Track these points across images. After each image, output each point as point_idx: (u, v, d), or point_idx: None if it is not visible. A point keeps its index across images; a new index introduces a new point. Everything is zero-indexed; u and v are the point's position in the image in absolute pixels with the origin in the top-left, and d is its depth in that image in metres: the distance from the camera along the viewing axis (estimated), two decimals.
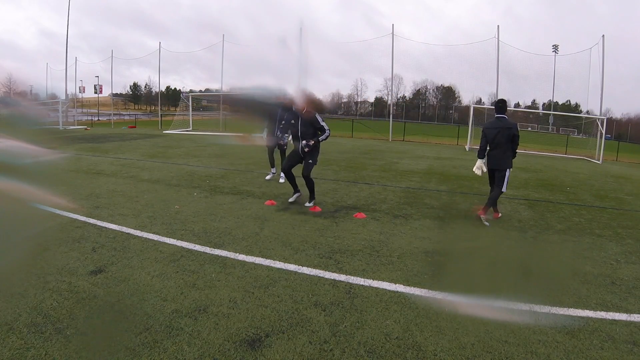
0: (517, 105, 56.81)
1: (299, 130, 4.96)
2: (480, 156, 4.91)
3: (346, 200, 5.58)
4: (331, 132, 5.09)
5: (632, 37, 71.42)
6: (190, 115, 24.37)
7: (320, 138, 4.96)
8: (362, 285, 2.84)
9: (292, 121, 5.07)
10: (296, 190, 5.39)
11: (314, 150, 4.99)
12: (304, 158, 5.00)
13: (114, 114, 37.83)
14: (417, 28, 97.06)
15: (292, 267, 3.12)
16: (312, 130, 4.94)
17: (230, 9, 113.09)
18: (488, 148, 4.83)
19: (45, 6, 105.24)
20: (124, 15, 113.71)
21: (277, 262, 3.20)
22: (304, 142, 4.92)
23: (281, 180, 6.83)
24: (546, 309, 2.56)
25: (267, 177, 7.12)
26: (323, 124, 4.94)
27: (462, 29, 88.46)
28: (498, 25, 22.67)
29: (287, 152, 6.32)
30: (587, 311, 2.57)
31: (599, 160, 16.57)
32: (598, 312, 2.57)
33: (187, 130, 22.21)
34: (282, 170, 5.38)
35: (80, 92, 39.58)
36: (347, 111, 73.65)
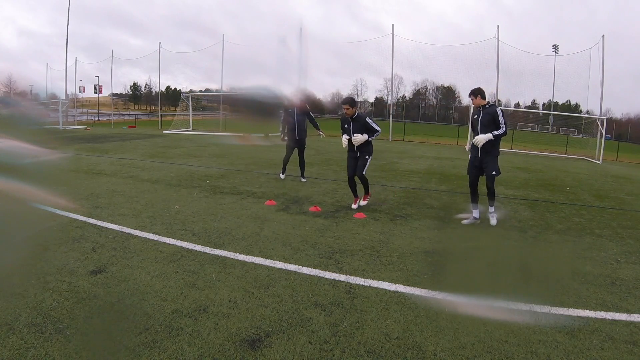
0: (517, 105, 56.78)
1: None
2: None
3: (346, 200, 5.58)
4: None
5: (632, 35, 71.39)
6: (190, 115, 24.38)
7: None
8: (362, 285, 2.84)
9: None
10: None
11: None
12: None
13: (114, 114, 37.82)
14: (402, 22, 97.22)
15: (292, 267, 3.12)
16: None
17: (208, 7, 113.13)
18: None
19: (19, 5, 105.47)
20: (101, 13, 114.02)
21: (277, 262, 3.20)
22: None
23: (303, 180, 7.02)
24: (546, 309, 2.56)
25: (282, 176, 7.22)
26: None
27: (449, 23, 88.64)
28: (498, 25, 22.72)
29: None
30: (587, 311, 2.57)
31: (599, 160, 16.57)
32: (598, 312, 2.57)
33: (187, 130, 22.21)
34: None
35: (80, 92, 39.61)
36: None
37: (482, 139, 4.34)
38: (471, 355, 2.04)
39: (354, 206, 5.16)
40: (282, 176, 7.11)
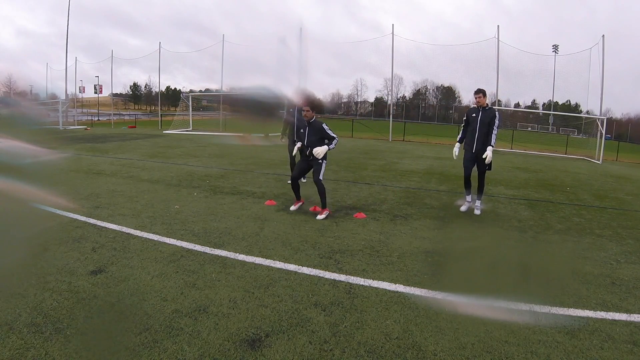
0: (517, 105, 56.81)
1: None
2: None
3: (346, 200, 5.58)
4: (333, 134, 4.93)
5: (632, 35, 71.36)
6: (190, 115, 24.37)
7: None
8: (362, 285, 2.84)
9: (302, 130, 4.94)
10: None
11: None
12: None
13: (114, 114, 37.81)
14: (401, 22, 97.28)
15: (292, 267, 3.12)
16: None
17: (206, 7, 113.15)
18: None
19: (17, 5, 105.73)
20: (99, 13, 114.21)
21: (277, 262, 3.20)
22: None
23: (303, 180, 6.63)
24: (546, 309, 2.56)
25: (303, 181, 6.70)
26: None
27: (448, 22, 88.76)
28: (498, 25, 22.68)
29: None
30: (587, 311, 2.57)
31: (599, 160, 16.56)
32: (598, 312, 2.57)
33: (187, 130, 22.21)
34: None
35: (80, 92, 39.61)
36: (347, 111, 73.60)
37: (490, 155, 4.90)
38: (471, 355, 2.04)
39: (292, 208, 4.95)
40: (290, 182, 6.84)
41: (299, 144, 4.99)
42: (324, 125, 4.78)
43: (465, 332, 2.24)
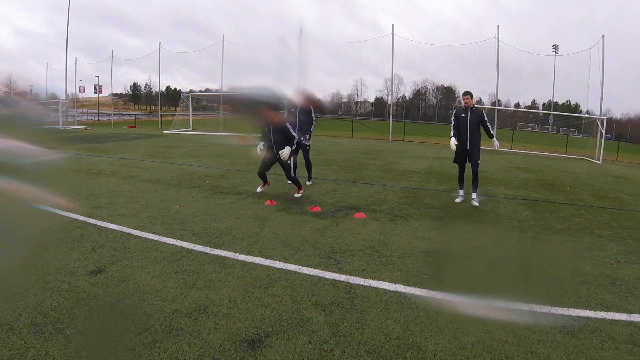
0: (517, 105, 56.78)
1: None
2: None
3: (346, 200, 5.58)
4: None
5: (632, 35, 71.35)
6: (190, 115, 24.37)
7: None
8: (362, 285, 2.84)
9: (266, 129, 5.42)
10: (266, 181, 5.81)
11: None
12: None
13: (114, 114, 37.81)
14: (400, 22, 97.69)
15: (292, 267, 3.12)
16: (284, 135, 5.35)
17: (204, 7, 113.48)
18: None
19: (15, 5, 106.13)
20: (96, 13, 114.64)
21: (277, 262, 3.20)
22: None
23: (308, 183, 6.73)
24: (546, 309, 2.56)
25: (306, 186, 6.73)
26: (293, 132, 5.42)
27: (447, 22, 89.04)
28: (498, 25, 22.67)
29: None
30: (587, 311, 2.57)
31: (599, 160, 16.55)
32: (598, 312, 2.57)
33: (187, 130, 22.21)
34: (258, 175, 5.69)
35: (80, 92, 39.58)
36: (347, 111, 73.62)
37: (497, 143, 5.69)
38: (471, 355, 2.04)
39: (259, 190, 5.72)
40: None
41: (262, 143, 5.48)
42: (287, 125, 5.34)
43: (465, 332, 2.24)
